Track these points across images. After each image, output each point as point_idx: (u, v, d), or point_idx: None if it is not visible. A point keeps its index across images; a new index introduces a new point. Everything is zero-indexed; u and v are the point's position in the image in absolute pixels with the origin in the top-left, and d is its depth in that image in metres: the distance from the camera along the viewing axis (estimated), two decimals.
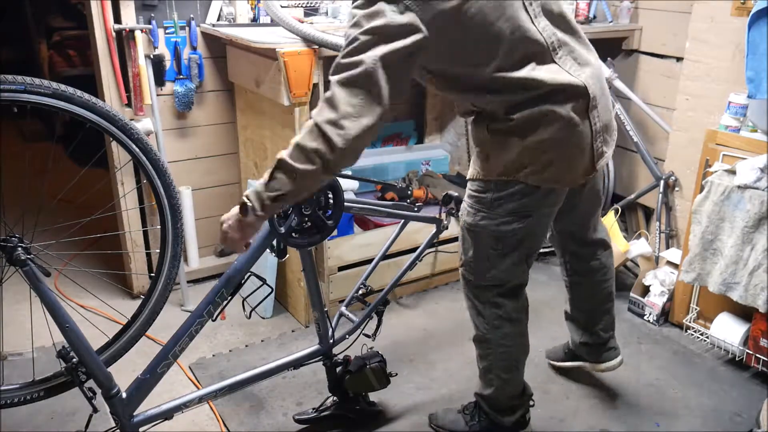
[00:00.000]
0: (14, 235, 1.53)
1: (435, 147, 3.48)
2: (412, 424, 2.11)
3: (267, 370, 1.91)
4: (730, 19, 2.54)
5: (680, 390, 2.31)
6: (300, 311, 2.67)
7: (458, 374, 2.37)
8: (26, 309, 2.52)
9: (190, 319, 1.69)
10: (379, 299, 2.08)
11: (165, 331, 2.07)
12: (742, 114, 2.38)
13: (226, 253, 1.62)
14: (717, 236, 2.32)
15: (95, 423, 1.72)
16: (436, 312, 2.80)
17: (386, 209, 1.98)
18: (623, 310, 2.82)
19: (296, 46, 2.26)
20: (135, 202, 2.73)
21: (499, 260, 1.73)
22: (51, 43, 4.80)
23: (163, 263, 1.80)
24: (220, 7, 2.70)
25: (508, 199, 1.65)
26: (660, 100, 3.07)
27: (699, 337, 2.55)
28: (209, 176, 2.95)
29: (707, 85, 2.68)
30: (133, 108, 2.61)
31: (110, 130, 1.62)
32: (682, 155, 2.84)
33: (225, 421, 2.10)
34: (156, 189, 1.74)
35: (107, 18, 2.45)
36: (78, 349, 1.59)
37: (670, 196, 2.93)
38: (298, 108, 2.33)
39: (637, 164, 3.20)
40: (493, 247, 1.72)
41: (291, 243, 1.71)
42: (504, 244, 1.71)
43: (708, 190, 2.32)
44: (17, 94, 1.46)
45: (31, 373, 1.86)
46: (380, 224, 2.81)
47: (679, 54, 2.89)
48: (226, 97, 2.88)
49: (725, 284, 2.29)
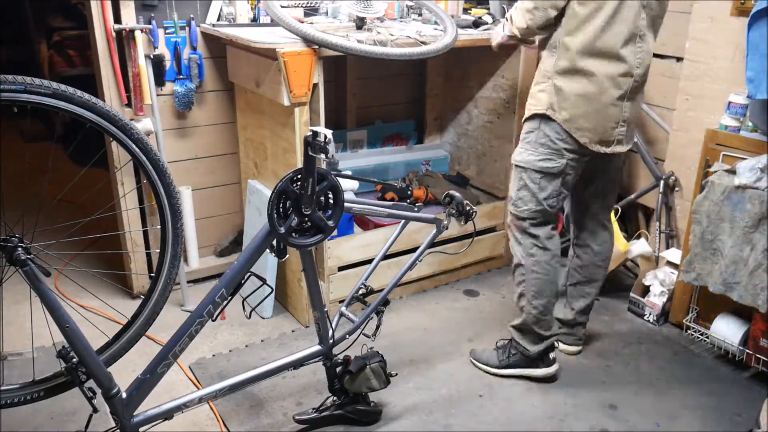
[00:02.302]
0: (14, 235, 1.53)
1: (435, 147, 3.48)
2: (412, 424, 2.11)
3: (267, 370, 1.91)
4: (730, 19, 2.54)
5: (680, 390, 2.31)
6: (300, 311, 2.67)
7: (458, 374, 2.37)
8: (26, 309, 2.53)
9: (190, 319, 1.69)
10: (380, 299, 2.08)
11: (165, 331, 2.08)
12: (742, 114, 2.38)
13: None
14: (717, 236, 2.32)
15: (95, 423, 1.72)
16: (436, 312, 2.80)
17: (386, 209, 1.98)
18: (623, 310, 2.82)
19: (296, 46, 2.26)
20: (135, 202, 2.73)
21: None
22: (51, 43, 4.80)
23: (163, 263, 1.80)
24: (220, 7, 2.70)
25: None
26: (660, 100, 3.07)
27: (699, 337, 2.55)
28: (209, 176, 2.95)
29: (707, 85, 2.68)
30: (133, 108, 2.61)
31: (110, 130, 1.62)
32: (682, 155, 2.84)
33: (225, 421, 2.11)
34: (156, 189, 1.73)
35: (107, 18, 2.45)
36: (78, 349, 1.59)
37: (670, 196, 2.93)
38: (298, 108, 2.33)
39: (637, 164, 3.20)
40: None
41: (291, 243, 1.71)
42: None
43: (708, 190, 2.32)
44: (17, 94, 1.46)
45: (31, 373, 1.86)
46: (380, 224, 2.81)
47: (679, 54, 2.89)
48: (226, 97, 2.88)
49: (725, 284, 2.29)
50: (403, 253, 2.74)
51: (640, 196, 3.12)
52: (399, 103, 3.51)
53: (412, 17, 3.00)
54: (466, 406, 2.21)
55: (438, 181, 3.15)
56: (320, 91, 2.39)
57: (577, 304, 2.44)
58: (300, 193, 1.66)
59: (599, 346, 2.57)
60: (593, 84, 2.01)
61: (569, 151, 2.09)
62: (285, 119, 2.42)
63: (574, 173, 2.15)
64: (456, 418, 2.14)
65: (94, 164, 2.03)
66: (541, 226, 2.20)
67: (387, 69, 3.30)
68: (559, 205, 2.20)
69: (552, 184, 2.13)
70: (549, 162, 2.10)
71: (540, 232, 2.19)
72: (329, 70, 3.11)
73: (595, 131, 2.06)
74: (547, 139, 2.09)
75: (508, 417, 2.16)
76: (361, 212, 1.95)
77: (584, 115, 2.04)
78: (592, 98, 2.02)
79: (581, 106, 2.03)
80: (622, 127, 2.08)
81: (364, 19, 2.59)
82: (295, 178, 1.67)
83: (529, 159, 2.13)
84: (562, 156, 2.09)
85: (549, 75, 2.07)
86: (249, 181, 2.80)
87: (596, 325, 2.71)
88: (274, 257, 1.80)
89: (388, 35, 2.45)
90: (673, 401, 2.25)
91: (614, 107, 2.04)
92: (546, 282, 2.21)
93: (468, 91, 3.21)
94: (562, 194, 2.17)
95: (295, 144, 2.38)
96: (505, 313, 2.73)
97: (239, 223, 3.04)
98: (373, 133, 3.37)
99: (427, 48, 2.39)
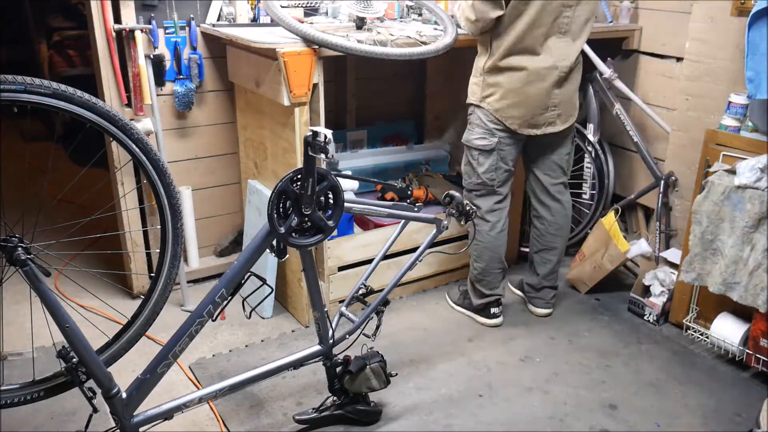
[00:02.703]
0: (14, 235, 1.53)
1: (435, 147, 3.48)
2: (412, 424, 2.11)
3: (267, 370, 1.91)
4: (730, 19, 2.54)
5: (680, 390, 2.31)
6: (300, 311, 2.67)
7: (458, 374, 2.37)
8: (26, 309, 2.53)
9: (190, 319, 1.69)
10: (380, 299, 2.08)
11: (165, 331, 2.08)
12: (742, 114, 2.38)
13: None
14: (717, 236, 2.32)
15: (95, 423, 1.72)
16: (436, 312, 2.81)
17: (386, 209, 1.98)
18: (623, 310, 2.82)
19: (296, 46, 2.26)
20: (135, 202, 2.73)
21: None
22: (51, 43, 4.80)
23: (163, 263, 1.80)
24: (220, 7, 2.70)
25: None
26: (660, 100, 3.07)
27: (699, 337, 2.55)
28: (209, 176, 2.95)
29: (707, 85, 2.68)
30: (133, 108, 2.61)
31: (110, 130, 1.62)
32: (682, 155, 2.84)
33: (225, 421, 2.10)
34: (156, 189, 1.73)
35: (107, 18, 2.45)
36: (78, 349, 1.59)
37: (670, 196, 2.93)
38: (298, 108, 2.33)
39: (637, 164, 3.20)
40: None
41: (291, 243, 1.71)
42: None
43: (708, 190, 2.32)
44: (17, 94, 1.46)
45: (31, 373, 1.86)
46: (380, 224, 2.81)
47: (679, 54, 2.89)
48: (226, 97, 2.88)
49: (725, 284, 2.29)
50: (403, 253, 2.74)
51: (640, 196, 3.13)
52: (399, 103, 3.51)
53: (412, 17, 3.00)
54: (466, 406, 2.21)
55: (438, 181, 3.15)
56: (320, 91, 2.39)
57: (541, 269, 2.72)
58: (300, 193, 1.66)
59: (599, 346, 2.57)
60: (519, 78, 2.32)
61: (499, 130, 2.41)
62: (285, 119, 2.42)
63: (509, 149, 2.45)
64: (456, 418, 2.14)
65: (94, 164, 2.03)
66: (484, 198, 2.52)
67: (387, 69, 3.30)
68: (500, 179, 2.48)
69: (489, 160, 2.45)
70: (483, 140, 2.43)
71: (483, 204, 2.52)
72: (329, 70, 3.11)
73: (523, 118, 2.37)
74: (480, 121, 2.43)
75: (508, 417, 2.16)
76: (361, 212, 1.95)
77: (511, 105, 2.35)
78: (518, 90, 2.33)
79: (508, 98, 2.34)
80: (552, 111, 2.40)
81: (364, 19, 2.59)
82: (295, 178, 1.67)
83: (469, 138, 2.47)
84: (493, 135, 2.41)
85: (480, 72, 2.40)
86: (249, 181, 2.80)
87: (596, 325, 2.71)
88: (274, 257, 1.80)
89: (388, 35, 2.45)
90: (673, 401, 2.25)
91: (542, 95, 2.35)
92: (484, 249, 2.56)
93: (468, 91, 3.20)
94: (500, 169, 2.47)
95: (295, 144, 2.38)
96: (505, 313, 2.73)
97: (239, 223, 3.04)
98: (373, 133, 3.37)
99: (427, 48, 2.39)
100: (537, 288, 2.76)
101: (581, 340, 2.60)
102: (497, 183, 2.48)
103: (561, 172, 2.60)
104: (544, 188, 2.61)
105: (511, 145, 2.44)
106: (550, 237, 2.66)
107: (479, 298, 2.67)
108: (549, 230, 2.65)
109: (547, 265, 2.70)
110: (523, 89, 2.33)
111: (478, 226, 2.51)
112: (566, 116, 2.45)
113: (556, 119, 2.42)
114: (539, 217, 2.67)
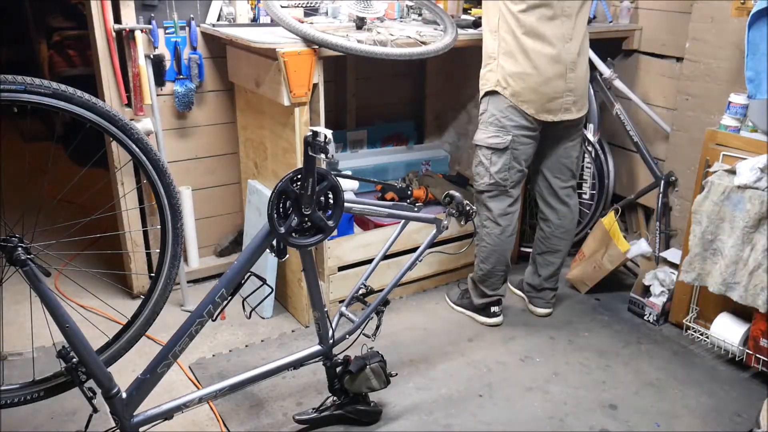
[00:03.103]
0: (14, 235, 1.53)
1: (435, 147, 3.48)
2: (412, 424, 2.11)
3: (267, 370, 1.91)
4: (730, 19, 2.54)
5: (680, 390, 2.31)
6: (300, 311, 2.67)
7: (458, 374, 2.37)
8: (26, 309, 2.53)
9: (190, 319, 1.69)
10: (380, 299, 2.08)
11: (165, 331, 2.08)
12: (742, 114, 2.38)
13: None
14: (717, 236, 2.32)
15: (95, 423, 1.72)
16: (436, 312, 2.81)
17: (386, 209, 1.98)
18: (623, 310, 2.82)
19: (296, 46, 2.26)
20: (135, 202, 2.73)
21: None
22: (51, 43, 4.80)
23: (163, 263, 1.80)
24: (220, 7, 2.70)
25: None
26: (660, 100, 3.07)
27: (699, 337, 2.55)
28: (209, 176, 2.95)
29: (707, 85, 2.68)
30: (133, 108, 2.61)
31: (110, 130, 1.62)
32: (682, 155, 2.84)
33: (225, 421, 2.10)
34: (156, 189, 1.73)
35: (107, 18, 2.45)
36: (78, 349, 1.59)
37: (670, 196, 2.93)
38: (298, 108, 2.33)
39: (637, 164, 3.20)
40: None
41: (291, 243, 1.71)
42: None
43: (708, 190, 2.32)
44: (17, 94, 1.46)
45: (31, 373, 1.86)
46: (380, 224, 2.81)
47: (679, 54, 2.89)
48: (226, 97, 2.88)
49: (725, 284, 2.29)
50: (403, 253, 2.74)
51: (640, 196, 3.13)
52: (399, 103, 3.51)
53: (412, 17, 3.00)
54: (466, 406, 2.21)
55: (438, 181, 3.15)
56: (320, 91, 2.39)
57: (544, 271, 2.72)
58: (300, 193, 1.66)
59: (599, 346, 2.57)
60: (534, 62, 2.28)
61: (514, 127, 2.36)
62: (285, 119, 2.42)
63: (524, 148, 2.41)
64: (456, 418, 2.14)
65: (94, 164, 2.03)
66: (496, 199, 2.48)
67: (387, 69, 3.30)
68: (513, 179, 2.45)
69: (502, 159, 2.41)
70: (496, 138, 2.38)
71: (495, 207, 2.49)
72: (329, 70, 3.11)
73: (540, 102, 2.34)
74: (494, 118, 2.38)
75: (508, 417, 2.16)
76: (361, 212, 1.95)
77: (528, 88, 2.31)
78: (535, 74, 2.30)
79: (525, 81, 2.30)
80: (568, 96, 2.37)
81: (364, 19, 2.59)
82: (295, 178, 1.67)
83: (481, 137, 2.43)
84: (507, 132, 2.37)
85: (494, 56, 2.34)
86: (249, 181, 2.80)
87: (596, 325, 2.71)
88: (274, 257, 1.80)
89: (388, 35, 2.45)
90: (673, 401, 2.25)
91: (558, 79, 2.33)
92: (492, 252, 2.54)
93: (468, 91, 3.20)
94: (513, 169, 2.43)
95: (295, 144, 2.38)
96: (504, 313, 2.73)
97: (239, 223, 3.04)
98: (373, 133, 3.37)
99: (427, 48, 2.39)
100: (538, 288, 2.76)
101: (581, 340, 2.60)
102: (510, 183, 2.45)
103: (570, 175, 2.60)
104: (552, 191, 2.60)
105: (525, 144, 2.41)
106: (555, 240, 2.66)
107: (481, 298, 2.67)
108: (555, 233, 2.65)
109: (550, 267, 2.70)
110: (541, 73, 2.30)
111: (488, 228, 2.51)
112: (582, 104, 2.44)
113: (571, 106, 2.40)
114: (546, 219, 2.66)
